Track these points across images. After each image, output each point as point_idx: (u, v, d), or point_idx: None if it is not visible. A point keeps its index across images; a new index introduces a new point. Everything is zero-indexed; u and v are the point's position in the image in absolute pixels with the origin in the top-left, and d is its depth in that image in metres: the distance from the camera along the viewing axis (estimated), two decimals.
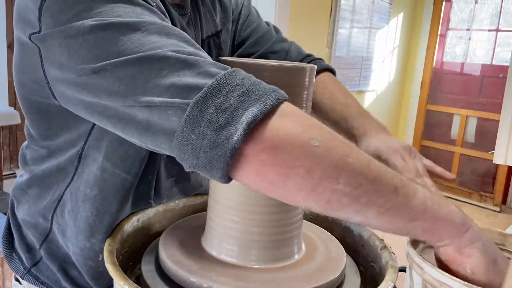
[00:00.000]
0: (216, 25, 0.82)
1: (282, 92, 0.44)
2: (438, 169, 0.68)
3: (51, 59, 0.53)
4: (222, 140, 0.40)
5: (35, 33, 0.54)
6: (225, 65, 0.47)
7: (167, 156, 0.71)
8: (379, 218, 0.45)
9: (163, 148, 0.46)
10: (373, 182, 0.43)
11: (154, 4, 0.56)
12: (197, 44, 0.52)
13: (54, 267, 0.73)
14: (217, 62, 0.48)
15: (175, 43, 0.49)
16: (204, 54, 0.49)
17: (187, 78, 0.44)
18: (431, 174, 0.70)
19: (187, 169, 0.45)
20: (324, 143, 0.42)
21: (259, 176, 0.42)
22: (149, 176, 0.70)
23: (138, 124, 0.46)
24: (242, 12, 0.88)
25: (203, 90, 0.42)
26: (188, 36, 0.52)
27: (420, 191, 0.47)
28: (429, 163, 0.69)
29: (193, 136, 0.41)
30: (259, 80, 0.45)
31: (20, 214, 0.75)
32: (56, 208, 0.69)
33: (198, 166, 0.42)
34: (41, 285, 0.74)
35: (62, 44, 0.51)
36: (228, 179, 0.44)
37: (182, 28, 0.72)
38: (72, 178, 0.67)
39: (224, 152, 0.40)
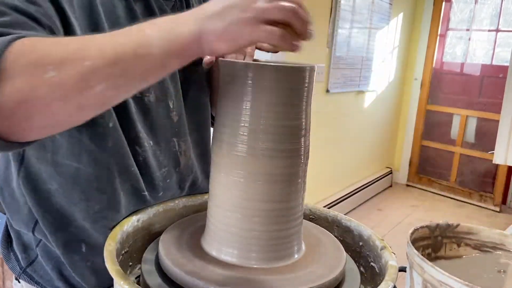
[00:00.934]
0: None
1: (12, 36, 0.44)
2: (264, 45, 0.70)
3: None
4: None
5: None
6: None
7: (154, 144, 0.72)
8: (138, 86, 0.49)
9: None
10: (116, 66, 0.45)
11: None
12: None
13: (48, 265, 0.73)
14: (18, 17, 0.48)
15: None
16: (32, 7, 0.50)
17: None
18: None
19: None
20: (59, 71, 0.43)
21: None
22: (130, 168, 0.70)
23: None
24: None
25: None
26: None
27: (153, 39, 0.47)
28: None
29: None
30: None
31: (16, 217, 0.75)
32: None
33: None
34: (35, 284, 0.75)
35: None
36: None
37: (163, 12, 0.73)
38: (18, 175, 0.68)
39: None
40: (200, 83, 0.83)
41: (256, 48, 0.70)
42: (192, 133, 0.81)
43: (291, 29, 0.48)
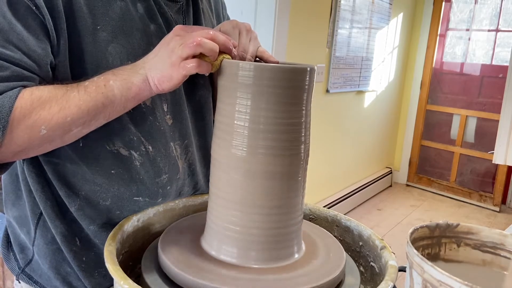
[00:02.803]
0: (214, 24, 0.86)
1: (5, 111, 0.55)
2: (266, 55, 0.72)
3: None
4: None
5: None
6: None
7: (153, 150, 0.72)
8: (105, 122, 0.64)
9: None
10: (89, 115, 0.61)
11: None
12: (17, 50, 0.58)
13: (45, 265, 0.74)
14: None
15: None
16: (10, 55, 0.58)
17: None
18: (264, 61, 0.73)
19: None
20: (49, 129, 0.58)
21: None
22: (110, 171, 0.71)
23: None
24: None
25: None
26: (19, 38, 0.58)
27: (112, 90, 0.61)
28: (262, 50, 0.73)
29: None
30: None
31: (14, 211, 0.76)
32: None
33: None
34: (34, 284, 0.76)
35: None
36: None
37: (163, 15, 0.73)
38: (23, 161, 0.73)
39: None
40: (206, 86, 0.83)
41: None
42: (195, 137, 0.81)
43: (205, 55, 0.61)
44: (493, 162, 2.66)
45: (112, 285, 0.58)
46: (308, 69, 0.62)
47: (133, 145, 0.71)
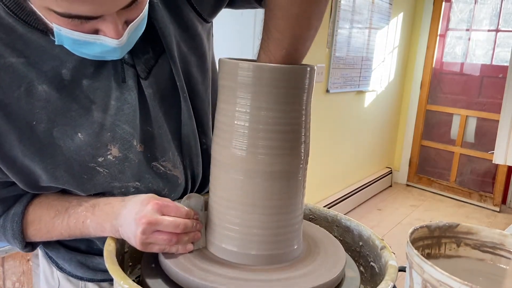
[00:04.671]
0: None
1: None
2: None
3: None
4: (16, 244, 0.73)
5: None
6: None
7: (141, 184, 0.70)
8: None
9: None
10: (70, 238, 0.71)
11: None
12: None
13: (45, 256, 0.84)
14: None
15: None
16: None
17: None
18: None
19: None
20: (46, 238, 0.74)
21: None
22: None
23: None
24: None
25: None
26: None
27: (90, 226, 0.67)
28: None
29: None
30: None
31: None
32: None
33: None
34: (49, 259, 0.84)
35: None
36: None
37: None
38: None
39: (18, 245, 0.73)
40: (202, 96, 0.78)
41: None
42: (177, 144, 0.75)
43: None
44: (493, 162, 2.65)
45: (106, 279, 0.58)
46: (308, 69, 0.62)
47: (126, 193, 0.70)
